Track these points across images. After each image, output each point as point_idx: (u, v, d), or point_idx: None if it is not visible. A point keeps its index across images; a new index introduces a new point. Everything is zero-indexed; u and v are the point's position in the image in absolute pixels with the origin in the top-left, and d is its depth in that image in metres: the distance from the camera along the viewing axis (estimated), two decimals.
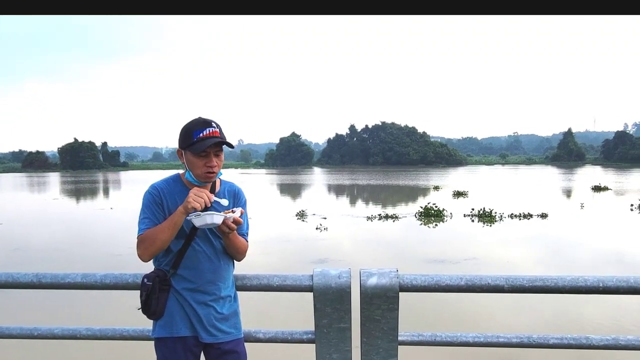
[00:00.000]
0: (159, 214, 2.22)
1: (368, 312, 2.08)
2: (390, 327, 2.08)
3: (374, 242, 14.78)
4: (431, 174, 69.35)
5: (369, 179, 54.79)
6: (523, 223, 17.76)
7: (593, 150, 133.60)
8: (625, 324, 7.19)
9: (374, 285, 2.03)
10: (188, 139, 2.19)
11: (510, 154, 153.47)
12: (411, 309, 7.51)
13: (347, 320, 2.12)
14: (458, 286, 2.03)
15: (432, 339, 2.15)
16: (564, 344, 2.09)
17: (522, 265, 11.26)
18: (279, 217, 20.70)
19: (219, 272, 2.29)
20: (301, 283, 2.15)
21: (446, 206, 22.13)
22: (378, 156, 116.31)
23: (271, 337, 2.30)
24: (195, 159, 2.20)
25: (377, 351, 2.13)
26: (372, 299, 2.04)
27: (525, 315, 7.60)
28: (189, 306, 2.24)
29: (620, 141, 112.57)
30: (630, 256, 12.10)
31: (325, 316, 2.12)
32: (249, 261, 9.67)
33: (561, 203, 26.41)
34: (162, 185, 2.28)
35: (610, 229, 16.67)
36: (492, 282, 2.01)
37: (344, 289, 2.07)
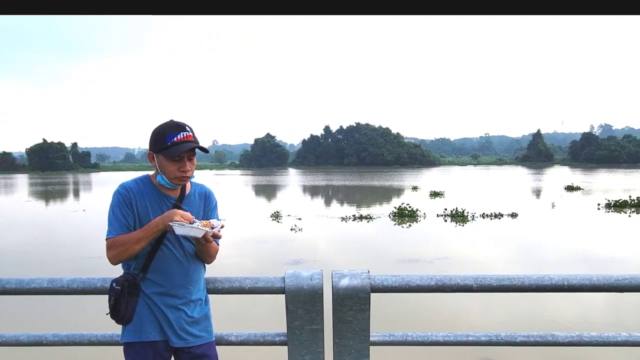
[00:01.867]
0: (129, 215, 2.18)
1: (340, 313, 2.08)
2: (361, 327, 2.10)
3: (348, 243, 14.84)
4: (405, 174, 70.06)
5: (343, 180, 54.99)
6: (494, 222, 18.10)
7: (561, 151, 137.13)
8: (593, 320, 7.40)
9: (345, 287, 2.04)
10: (161, 143, 2.16)
11: (482, 155, 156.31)
12: (386, 309, 7.57)
13: (319, 321, 2.12)
14: (428, 286, 2.06)
15: (404, 339, 2.17)
16: (530, 341, 2.14)
17: (493, 264, 11.47)
18: (254, 218, 20.59)
19: (190, 275, 2.27)
20: (273, 285, 2.14)
21: (423, 206, 22.41)
22: (352, 157, 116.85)
23: (243, 340, 2.29)
24: (168, 163, 2.17)
25: (349, 352, 2.14)
26: (344, 300, 2.05)
27: (499, 313, 7.74)
28: (158, 310, 2.20)
29: (586, 142, 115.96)
30: (596, 254, 12.46)
31: (297, 318, 2.12)
32: (224, 263, 9.59)
33: (531, 203, 27.02)
34: (132, 185, 2.24)
35: (578, 227, 17.14)
36: (461, 282, 2.04)
37: (315, 291, 2.07)
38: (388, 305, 7.70)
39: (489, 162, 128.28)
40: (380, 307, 7.48)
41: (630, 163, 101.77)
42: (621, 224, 17.95)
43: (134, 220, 2.18)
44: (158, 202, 2.23)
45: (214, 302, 2.42)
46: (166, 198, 2.26)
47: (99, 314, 2.69)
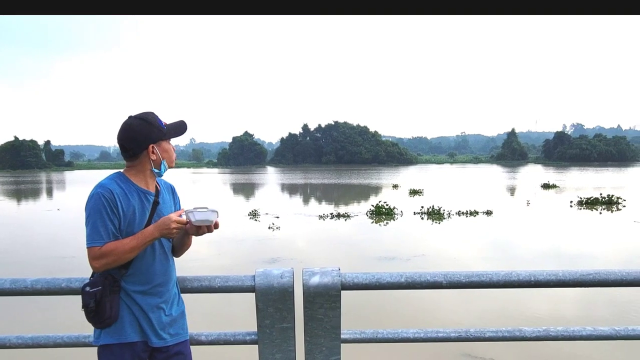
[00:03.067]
0: (115, 220, 2.08)
1: (311, 311, 2.08)
2: (332, 325, 2.09)
3: (325, 241, 14.87)
4: (383, 172, 70.50)
5: (322, 178, 55.05)
6: (470, 220, 18.35)
7: (535, 150, 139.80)
8: (563, 314, 7.57)
9: (316, 284, 2.04)
10: (160, 130, 2.21)
11: (458, 153, 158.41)
12: (364, 306, 7.61)
13: (290, 320, 2.11)
14: (398, 283, 2.06)
15: (374, 336, 2.18)
16: (499, 336, 2.17)
17: (468, 261, 11.63)
18: (232, 216, 20.45)
19: (169, 273, 2.25)
20: (243, 284, 2.12)
21: (402, 204, 22.59)
22: (331, 155, 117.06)
23: (214, 340, 2.26)
24: (170, 147, 2.26)
25: (320, 350, 2.13)
26: (315, 298, 2.05)
27: (476, 309, 7.85)
28: (139, 310, 2.15)
29: (559, 141, 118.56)
30: (567, 250, 12.75)
31: (267, 316, 2.10)
32: (200, 261, 9.51)
33: (506, 201, 27.48)
34: (112, 185, 2.13)
35: (551, 224, 17.49)
36: (431, 278, 2.06)
37: (286, 289, 2.06)
38: (360, 302, 7.74)
39: (465, 161, 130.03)
40: (355, 304, 7.51)
41: (601, 161, 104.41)
42: (592, 221, 18.39)
43: (119, 224, 2.10)
44: (141, 200, 2.18)
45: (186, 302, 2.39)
46: (147, 194, 2.21)
47: (65, 315, 2.62)
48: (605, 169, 72.20)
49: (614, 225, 17.48)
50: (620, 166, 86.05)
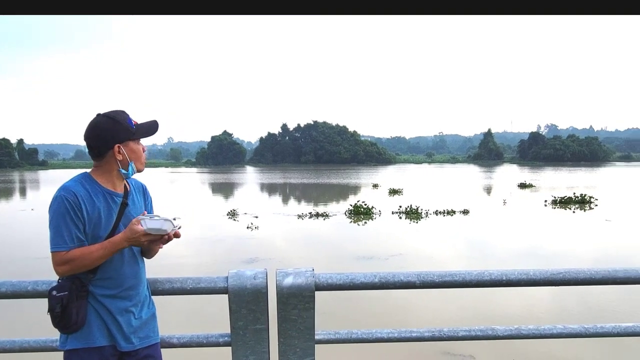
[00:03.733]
0: (80, 224, 2.02)
1: (284, 312, 2.06)
2: (306, 326, 2.08)
3: (304, 241, 14.86)
4: (362, 172, 70.79)
5: (301, 178, 55.00)
6: (447, 219, 18.55)
7: (510, 150, 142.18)
8: (539, 312, 7.70)
9: (289, 285, 2.02)
10: (128, 129, 2.13)
11: (436, 153, 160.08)
12: (345, 306, 7.62)
13: (264, 321, 2.09)
14: (372, 283, 2.06)
15: (349, 337, 2.17)
16: (472, 335, 2.18)
17: (445, 260, 11.75)
18: (210, 216, 20.28)
19: (139, 275, 2.19)
20: (216, 285, 2.09)
21: (382, 203, 22.70)
22: (310, 155, 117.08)
23: (186, 342, 2.23)
24: (138, 147, 2.18)
25: (294, 351, 2.12)
26: (289, 298, 2.03)
27: (450, 308, 7.93)
28: (108, 314, 2.09)
29: (534, 141, 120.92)
30: (542, 249, 12.99)
31: (241, 318, 2.08)
32: (177, 262, 9.37)
33: (482, 200, 27.87)
34: (77, 187, 2.06)
35: (526, 223, 17.80)
36: (404, 278, 2.06)
37: (259, 290, 2.04)
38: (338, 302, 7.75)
39: (442, 161, 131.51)
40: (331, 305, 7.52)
41: (574, 161, 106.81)
42: (566, 220, 18.78)
43: (84, 228, 2.03)
44: (107, 202, 2.11)
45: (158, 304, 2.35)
46: (114, 196, 2.15)
47: (32, 319, 2.55)
48: (578, 169, 73.87)
49: (587, 223, 17.88)
50: (593, 166, 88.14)
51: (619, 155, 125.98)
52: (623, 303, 7.93)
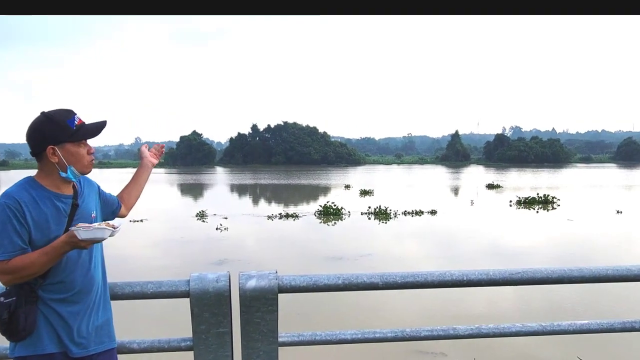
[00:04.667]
0: (23, 232, 1.93)
1: (247, 315, 2.05)
2: (270, 329, 2.07)
3: (273, 241, 14.80)
4: (332, 173, 71.03)
5: (271, 179, 54.80)
6: (415, 219, 18.80)
7: (477, 151, 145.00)
8: (508, 310, 7.89)
9: (252, 288, 2.01)
10: (66, 130, 2.00)
11: (405, 154, 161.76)
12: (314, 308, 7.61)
13: (226, 324, 2.07)
14: (336, 285, 2.07)
15: (312, 339, 2.17)
16: (434, 335, 2.22)
17: (413, 260, 11.91)
18: (179, 218, 19.99)
19: (93, 279, 2.12)
20: (177, 289, 2.06)
21: (353, 204, 22.82)
22: (280, 156, 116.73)
23: (146, 347, 2.18)
24: (78, 149, 2.04)
25: (257, 354, 2.10)
26: (251, 301, 2.02)
27: (416, 308, 8.03)
28: (59, 319, 2.02)
29: (499, 143, 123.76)
30: (507, 248, 13.31)
31: (203, 322, 2.05)
32: (143, 264, 9.15)
33: (450, 200, 28.37)
34: (20, 193, 1.97)
35: (492, 223, 18.21)
36: (367, 279, 2.08)
37: (221, 293, 2.01)
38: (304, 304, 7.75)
39: (411, 162, 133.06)
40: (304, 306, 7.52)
41: (538, 163, 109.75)
42: (530, 220, 19.30)
43: (29, 235, 1.95)
44: (55, 205, 2.03)
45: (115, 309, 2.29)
46: (63, 198, 2.07)
47: None
48: (541, 170, 76.03)
49: (550, 223, 18.42)
50: (555, 167, 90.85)
51: (580, 157, 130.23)
52: (584, 299, 8.20)
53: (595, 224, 17.60)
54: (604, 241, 14.25)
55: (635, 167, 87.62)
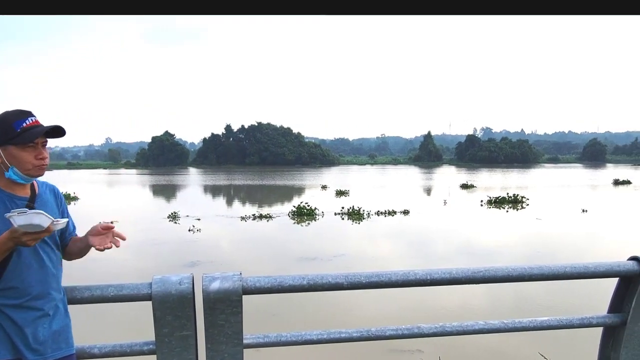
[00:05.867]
0: None
1: (211, 317, 2.02)
2: (234, 331, 2.05)
3: (247, 243, 14.71)
4: (306, 173, 71.03)
5: (245, 180, 54.45)
6: (388, 219, 18.95)
7: (449, 152, 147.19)
8: (475, 308, 8.01)
9: (216, 290, 1.98)
10: (9, 132, 1.93)
11: (378, 155, 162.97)
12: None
13: (190, 327, 2.04)
14: (301, 286, 2.06)
15: (278, 340, 2.16)
16: (399, 334, 2.23)
17: (386, 259, 12.00)
18: (150, 219, 19.66)
19: (49, 282, 2.05)
20: (139, 292, 2.02)
21: (328, 204, 22.86)
22: (254, 156, 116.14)
23: (108, 352, 2.13)
24: (22, 153, 1.95)
25: (222, 357, 2.08)
26: (215, 303, 2.00)
27: (390, 307, 8.10)
28: (12, 325, 1.96)
29: (470, 144, 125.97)
30: (477, 247, 13.54)
31: (165, 325, 2.02)
32: (112, 267, 8.95)
33: (423, 200, 28.70)
34: None
35: (463, 222, 18.50)
36: (332, 280, 2.08)
37: (185, 296, 1.99)
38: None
39: (385, 162, 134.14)
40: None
41: (508, 163, 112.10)
42: (500, 219, 19.68)
43: None
44: (6, 206, 1.98)
45: (77, 313, 2.24)
46: (17, 199, 2.01)
47: None
48: (511, 170, 77.68)
49: (519, 222, 18.82)
50: (524, 167, 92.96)
51: (547, 158, 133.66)
52: (555, 295, 8.41)
53: (562, 222, 18.06)
54: (569, 239, 14.65)
55: (599, 167, 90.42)
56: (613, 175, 53.00)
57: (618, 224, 17.64)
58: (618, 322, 2.36)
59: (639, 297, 2.28)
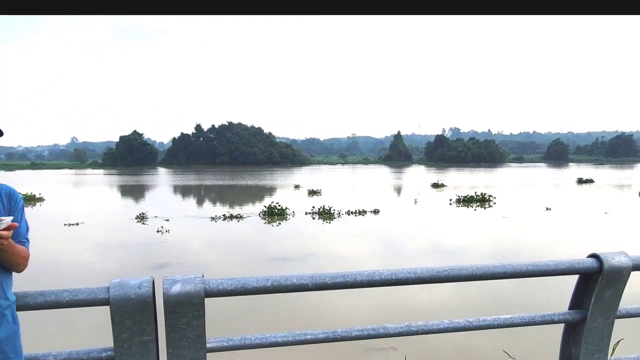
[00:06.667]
0: None
1: (172, 321, 1.97)
2: (196, 334, 2.00)
3: (217, 243, 14.53)
4: (277, 173, 70.76)
5: (215, 180, 53.85)
6: (358, 219, 19.03)
7: (418, 152, 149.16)
8: (449, 306, 8.11)
9: (177, 293, 1.93)
10: None
11: (349, 154, 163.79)
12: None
13: (150, 332, 1.98)
14: (265, 287, 2.03)
15: (242, 343, 2.12)
16: (364, 334, 2.22)
17: (355, 258, 12.04)
18: (117, 221, 19.22)
19: None
20: (96, 296, 1.94)
21: (300, 204, 22.79)
22: (225, 156, 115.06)
23: (64, 359, 2.04)
24: None
25: None
26: (177, 307, 1.94)
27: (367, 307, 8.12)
28: None
29: (439, 144, 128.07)
30: (445, 245, 13.73)
31: (125, 330, 1.95)
32: (79, 271, 8.67)
33: (393, 199, 28.96)
34: None
35: (432, 221, 18.74)
36: (297, 281, 2.05)
37: (144, 300, 1.92)
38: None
39: (355, 162, 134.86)
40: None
41: (475, 162, 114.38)
42: (468, 217, 20.02)
43: None
44: None
45: (31, 320, 2.14)
46: None
47: None
48: (478, 170, 79.22)
49: (487, 220, 19.19)
50: (491, 167, 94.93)
51: (513, 157, 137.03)
52: (516, 293, 8.59)
53: (527, 221, 18.50)
54: (533, 237, 15.01)
55: (562, 167, 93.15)
56: (576, 174, 54.71)
57: (579, 222, 18.19)
58: (578, 318, 2.40)
59: (598, 293, 2.33)
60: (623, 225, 17.40)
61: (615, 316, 2.42)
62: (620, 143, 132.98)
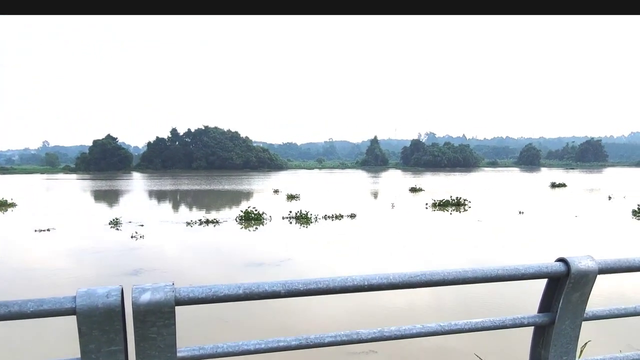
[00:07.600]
0: None
1: (142, 330, 1.93)
2: (167, 344, 1.96)
3: (192, 249, 14.36)
4: (254, 178, 70.47)
5: (191, 184, 53.29)
6: (335, 223, 19.07)
7: (395, 156, 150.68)
8: (426, 310, 8.17)
9: (147, 302, 1.89)
10: None
11: (326, 159, 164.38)
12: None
13: (119, 342, 1.94)
14: (236, 295, 2.00)
15: (214, 351, 2.09)
16: (338, 341, 2.21)
17: (332, 263, 12.06)
18: (90, 226, 18.82)
19: None
20: (62, 306, 1.89)
21: (278, 208, 22.68)
22: (201, 160, 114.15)
23: None
24: None
25: None
26: (146, 316, 1.90)
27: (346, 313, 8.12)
28: None
29: (415, 148, 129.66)
30: (422, 249, 13.85)
31: (92, 340, 1.90)
32: (51, 279, 8.44)
33: (370, 204, 29.10)
34: None
35: (408, 225, 18.88)
36: (269, 288, 2.03)
37: (112, 309, 1.88)
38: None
39: (332, 166, 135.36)
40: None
41: (450, 167, 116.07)
42: (444, 221, 20.25)
43: None
44: None
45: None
46: None
47: None
48: (453, 174, 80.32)
49: (462, 224, 19.44)
50: (465, 171, 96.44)
51: (487, 162, 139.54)
52: (490, 296, 8.71)
53: (500, 224, 18.82)
54: (506, 241, 15.27)
55: (535, 171, 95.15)
56: (548, 178, 55.94)
57: (550, 225, 18.58)
58: (547, 322, 2.45)
59: (566, 297, 2.38)
60: (591, 228, 17.86)
61: (582, 319, 2.47)
62: (589, 148, 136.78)
